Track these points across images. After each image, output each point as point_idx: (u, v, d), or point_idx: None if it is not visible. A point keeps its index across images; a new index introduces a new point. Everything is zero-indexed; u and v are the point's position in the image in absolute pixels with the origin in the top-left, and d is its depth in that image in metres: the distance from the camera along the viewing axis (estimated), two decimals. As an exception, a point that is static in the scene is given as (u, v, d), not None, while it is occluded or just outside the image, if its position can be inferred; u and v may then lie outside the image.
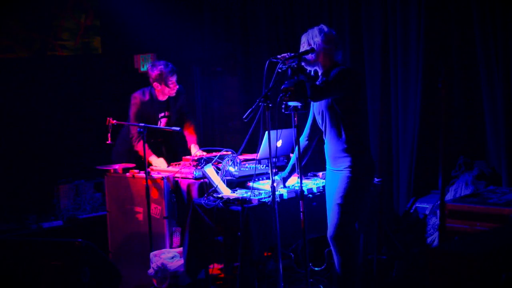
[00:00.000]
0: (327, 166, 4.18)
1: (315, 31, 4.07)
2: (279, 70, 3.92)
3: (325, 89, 3.91)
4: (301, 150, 4.16)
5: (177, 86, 5.43)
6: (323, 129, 4.15)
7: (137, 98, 5.41)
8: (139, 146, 5.17)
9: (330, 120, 4.07)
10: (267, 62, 3.94)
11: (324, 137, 4.16)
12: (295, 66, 3.89)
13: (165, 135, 5.62)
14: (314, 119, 4.24)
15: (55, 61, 6.82)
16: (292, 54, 3.94)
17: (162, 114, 5.52)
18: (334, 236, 4.04)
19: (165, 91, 5.39)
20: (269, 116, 3.88)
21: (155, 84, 5.38)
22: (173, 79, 5.37)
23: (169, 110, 5.54)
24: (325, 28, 4.08)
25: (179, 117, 5.61)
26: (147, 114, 5.40)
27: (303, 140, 4.32)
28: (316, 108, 4.17)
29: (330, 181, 4.15)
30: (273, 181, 3.93)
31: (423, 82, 5.38)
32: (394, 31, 5.60)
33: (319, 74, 4.10)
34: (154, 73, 5.35)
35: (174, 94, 5.45)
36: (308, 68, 4.08)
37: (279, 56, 3.97)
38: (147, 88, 5.45)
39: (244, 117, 3.88)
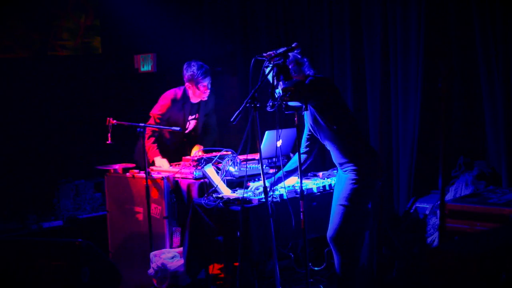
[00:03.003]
0: (337, 169, 4.20)
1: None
2: (265, 69, 3.92)
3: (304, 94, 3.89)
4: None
5: (208, 90, 5.35)
6: (321, 140, 4.18)
7: (167, 99, 5.38)
8: (148, 142, 5.19)
9: (321, 132, 4.10)
10: (252, 60, 3.92)
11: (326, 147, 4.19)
12: (281, 64, 3.88)
13: (189, 135, 5.60)
14: (309, 130, 4.25)
15: (55, 61, 6.82)
16: (277, 52, 3.93)
17: (193, 117, 5.50)
18: (334, 237, 4.04)
19: (196, 94, 5.35)
20: (257, 116, 3.86)
21: (187, 84, 5.35)
22: (205, 82, 5.29)
23: (199, 113, 5.52)
24: (290, 55, 4.04)
25: (205, 120, 5.62)
26: (176, 114, 5.37)
27: (301, 151, 4.29)
28: (307, 122, 4.18)
29: (338, 182, 4.17)
30: (265, 182, 3.93)
31: (423, 82, 5.38)
32: (394, 31, 5.60)
33: None
34: (187, 73, 5.31)
35: (205, 99, 5.40)
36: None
37: (264, 54, 3.96)
38: (181, 88, 5.42)
39: (232, 119, 3.83)
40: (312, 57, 6.23)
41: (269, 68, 3.92)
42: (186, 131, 5.47)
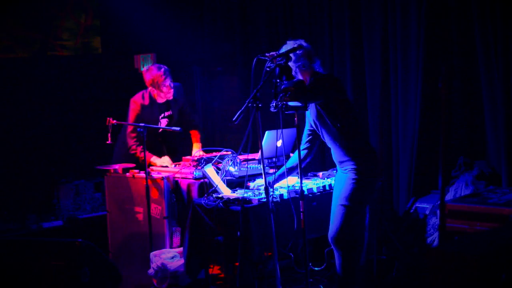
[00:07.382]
0: (337, 168, 4.20)
1: (292, 44, 4.04)
2: (268, 69, 3.92)
3: (306, 93, 3.89)
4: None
5: (172, 89, 5.33)
6: (322, 137, 4.17)
7: (137, 103, 5.35)
8: (141, 154, 5.15)
9: (324, 129, 4.09)
10: (254, 60, 3.93)
11: (326, 144, 4.18)
12: (283, 64, 3.88)
13: (163, 135, 5.61)
14: (311, 126, 4.24)
15: (55, 61, 6.82)
16: (280, 52, 3.93)
17: (162, 115, 5.50)
18: (336, 237, 4.04)
19: (161, 95, 5.33)
20: (259, 116, 3.86)
21: (151, 88, 5.34)
22: (166, 82, 5.27)
23: (171, 110, 5.51)
24: (304, 44, 4.05)
25: (181, 116, 5.59)
26: (148, 117, 5.34)
27: (301, 148, 4.27)
28: (309, 119, 4.18)
29: (337, 182, 4.17)
30: (266, 182, 3.93)
31: (423, 82, 5.38)
32: (394, 32, 5.60)
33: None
34: (147, 78, 5.30)
35: (171, 97, 5.38)
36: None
37: (267, 54, 3.96)
38: (146, 91, 5.40)
39: (234, 119, 3.83)
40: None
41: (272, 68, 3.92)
42: (160, 130, 5.47)
